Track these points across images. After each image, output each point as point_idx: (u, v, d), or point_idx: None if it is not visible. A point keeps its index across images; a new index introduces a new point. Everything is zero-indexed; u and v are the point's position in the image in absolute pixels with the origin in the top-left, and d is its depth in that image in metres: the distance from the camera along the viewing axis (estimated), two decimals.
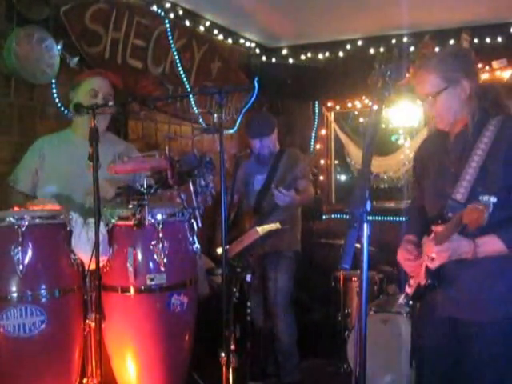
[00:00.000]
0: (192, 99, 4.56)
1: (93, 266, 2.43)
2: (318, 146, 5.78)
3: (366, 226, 1.58)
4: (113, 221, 2.56)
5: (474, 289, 2.07)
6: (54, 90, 3.36)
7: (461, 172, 2.03)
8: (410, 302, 2.46)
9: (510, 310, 2.04)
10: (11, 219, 2.36)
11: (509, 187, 1.97)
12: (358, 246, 1.58)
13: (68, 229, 2.50)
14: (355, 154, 5.69)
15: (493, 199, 1.80)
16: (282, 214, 3.54)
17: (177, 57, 4.36)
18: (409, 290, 2.21)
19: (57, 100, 3.37)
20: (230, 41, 5.19)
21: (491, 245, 1.97)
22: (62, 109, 3.38)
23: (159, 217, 2.53)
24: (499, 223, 1.93)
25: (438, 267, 2.04)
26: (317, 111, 5.77)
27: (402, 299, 2.26)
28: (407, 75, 2.11)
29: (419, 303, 2.34)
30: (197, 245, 2.68)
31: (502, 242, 1.96)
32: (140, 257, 2.52)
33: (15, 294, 2.34)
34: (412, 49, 5.18)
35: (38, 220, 2.41)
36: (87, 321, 2.53)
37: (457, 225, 1.92)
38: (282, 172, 3.78)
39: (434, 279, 2.08)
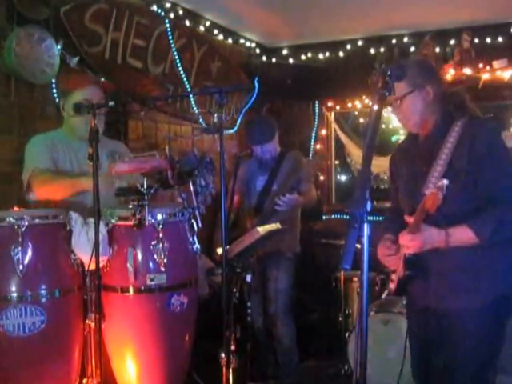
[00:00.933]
0: (192, 99, 4.57)
1: (93, 266, 2.42)
2: (318, 146, 5.78)
3: (366, 226, 1.58)
4: (113, 221, 2.56)
5: (450, 278, 2.18)
6: (54, 90, 3.35)
7: (430, 170, 2.17)
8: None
9: (486, 298, 2.14)
10: (11, 219, 2.36)
11: (474, 180, 2.11)
12: (358, 246, 1.58)
13: (68, 229, 2.50)
14: (355, 154, 5.69)
15: (445, 181, 1.99)
16: (282, 215, 3.54)
17: (177, 57, 4.36)
18: (392, 286, 2.30)
19: (57, 100, 3.37)
20: (230, 41, 5.19)
21: (462, 234, 2.08)
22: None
23: (159, 217, 2.53)
24: (469, 214, 2.09)
25: (416, 259, 2.16)
26: (317, 111, 5.76)
27: (385, 295, 2.35)
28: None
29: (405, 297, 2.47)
30: (197, 245, 2.68)
31: (472, 232, 2.06)
32: (140, 257, 2.51)
33: (15, 294, 2.34)
34: (412, 49, 5.18)
35: (37, 220, 2.41)
36: (87, 321, 2.53)
37: (421, 212, 2.07)
38: (284, 174, 3.77)
39: (412, 270, 2.19)
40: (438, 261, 2.17)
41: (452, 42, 5.04)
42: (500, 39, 4.92)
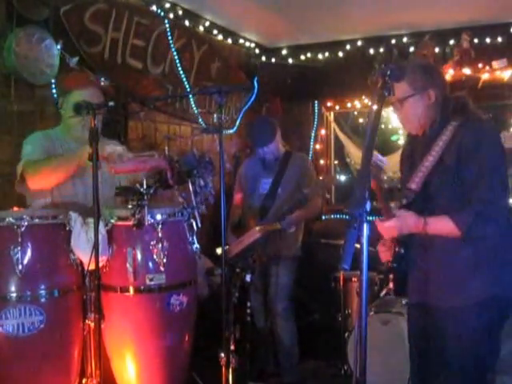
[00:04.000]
0: (192, 99, 4.57)
1: (92, 266, 2.42)
2: (317, 146, 5.78)
3: (365, 226, 1.58)
4: (112, 221, 2.56)
5: (436, 275, 2.21)
6: (54, 90, 3.35)
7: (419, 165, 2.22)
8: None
9: (476, 298, 2.14)
10: (11, 219, 2.36)
11: (460, 177, 2.13)
12: (357, 246, 1.58)
13: (67, 229, 2.50)
14: (355, 154, 5.69)
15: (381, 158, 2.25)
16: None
17: (176, 57, 4.36)
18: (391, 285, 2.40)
19: (56, 99, 3.37)
20: (229, 41, 5.20)
21: (442, 224, 2.11)
22: None
23: (159, 217, 2.53)
24: (454, 211, 2.11)
25: (404, 252, 2.21)
26: (316, 111, 5.76)
27: (383, 293, 2.40)
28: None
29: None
30: (196, 245, 2.68)
31: (452, 223, 2.08)
32: (139, 257, 2.52)
33: (14, 294, 2.34)
34: (412, 49, 5.18)
35: (37, 220, 2.41)
36: (86, 321, 2.53)
37: (380, 196, 2.23)
38: (289, 180, 3.77)
39: (396, 263, 2.24)
40: (423, 257, 2.22)
41: (451, 42, 5.04)
42: (499, 39, 4.92)
